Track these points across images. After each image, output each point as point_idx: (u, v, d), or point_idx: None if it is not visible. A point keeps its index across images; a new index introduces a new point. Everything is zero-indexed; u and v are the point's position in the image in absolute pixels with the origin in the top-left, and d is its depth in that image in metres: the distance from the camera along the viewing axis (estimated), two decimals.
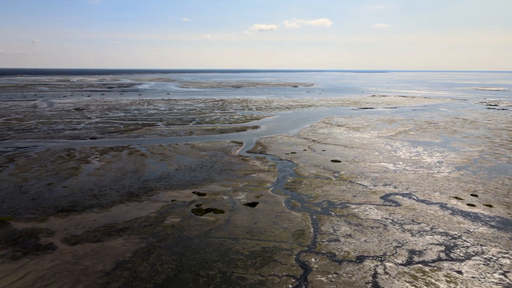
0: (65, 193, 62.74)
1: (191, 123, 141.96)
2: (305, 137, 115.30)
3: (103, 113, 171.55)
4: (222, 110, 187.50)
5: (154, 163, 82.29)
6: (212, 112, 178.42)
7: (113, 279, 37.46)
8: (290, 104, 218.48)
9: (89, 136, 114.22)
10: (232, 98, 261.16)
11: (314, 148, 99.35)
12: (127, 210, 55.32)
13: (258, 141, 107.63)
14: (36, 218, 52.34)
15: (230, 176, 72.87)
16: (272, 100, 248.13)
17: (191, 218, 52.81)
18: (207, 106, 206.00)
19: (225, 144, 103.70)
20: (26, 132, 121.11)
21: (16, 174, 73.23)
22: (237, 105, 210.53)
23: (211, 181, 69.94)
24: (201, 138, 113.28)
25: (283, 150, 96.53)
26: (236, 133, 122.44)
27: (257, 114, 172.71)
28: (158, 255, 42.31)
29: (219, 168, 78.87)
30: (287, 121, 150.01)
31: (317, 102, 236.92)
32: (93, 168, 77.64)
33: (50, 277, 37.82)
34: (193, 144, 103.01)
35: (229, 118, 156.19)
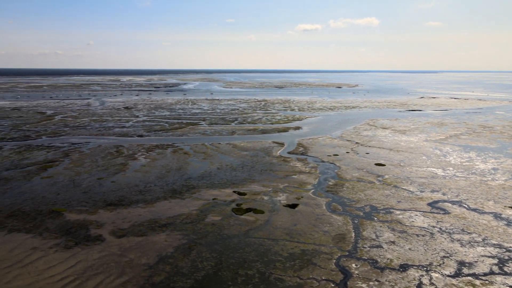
0: (113, 187, 65.90)
1: (234, 123, 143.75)
2: (348, 139, 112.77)
3: (150, 112, 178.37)
4: (264, 110, 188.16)
5: (197, 162, 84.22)
6: (254, 112, 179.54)
7: (156, 273, 38.76)
8: (333, 105, 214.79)
9: (136, 134, 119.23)
10: (275, 98, 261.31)
11: (357, 150, 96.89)
12: (170, 207, 57.05)
13: (299, 142, 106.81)
14: (87, 210, 55.43)
15: (271, 177, 72.89)
16: (315, 101, 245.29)
17: (231, 217, 53.42)
18: (249, 106, 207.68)
19: (266, 144, 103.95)
20: (80, 129, 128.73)
21: (71, 168, 78.02)
22: (279, 106, 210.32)
23: (252, 181, 70.35)
24: (243, 138, 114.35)
25: (325, 152, 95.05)
26: (277, 133, 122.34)
27: (299, 115, 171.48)
28: (198, 252, 43.21)
29: (260, 168, 79.16)
30: (329, 123, 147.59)
31: (361, 103, 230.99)
32: (139, 165, 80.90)
33: (98, 267, 39.87)
34: (235, 143, 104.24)
35: (271, 119, 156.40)
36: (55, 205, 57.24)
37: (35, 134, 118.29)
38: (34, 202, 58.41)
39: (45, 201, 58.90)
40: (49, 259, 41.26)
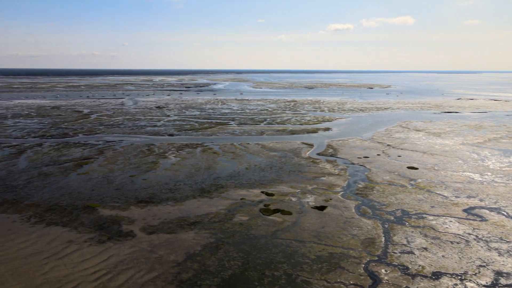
0: (144, 185, 67.64)
1: (263, 123, 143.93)
2: (379, 141, 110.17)
3: (180, 111, 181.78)
4: (294, 111, 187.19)
5: (226, 161, 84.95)
6: (284, 112, 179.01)
7: (184, 270, 39.41)
8: (364, 106, 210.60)
9: (167, 133, 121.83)
10: (304, 99, 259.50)
11: (389, 153, 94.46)
12: (198, 205, 57.86)
13: (329, 144, 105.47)
14: (120, 206, 57.19)
15: (299, 178, 72.40)
16: (346, 101, 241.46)
17: (259, 217, 53.48)
18: (278, 106, 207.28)
19: (295, 145, 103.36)
20: (114, 127, 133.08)
21: (105, 165, 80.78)
22: (308, 106, 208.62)
23: (280, 181, 70.14)
24: (272, 138, 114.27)
25: (355, 154, 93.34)
26: (306, 134, 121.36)
27: (329, 116, 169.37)
28: (225, 251, 43.55)
29: (288, 169, 78.79)
30: (360, 124, 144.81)
31: (394, 104, 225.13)
32: (170, 164, 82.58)
33: (129, 262, 41.03)
34: (263, 144, 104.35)
35: (300, 119, 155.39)
36: (89, 201, 59.47)
37: (73, 132, 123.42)
38: (71, 197, 60.93)
39: (81, 197, 61.30)
40: (84, 253, 42.89)
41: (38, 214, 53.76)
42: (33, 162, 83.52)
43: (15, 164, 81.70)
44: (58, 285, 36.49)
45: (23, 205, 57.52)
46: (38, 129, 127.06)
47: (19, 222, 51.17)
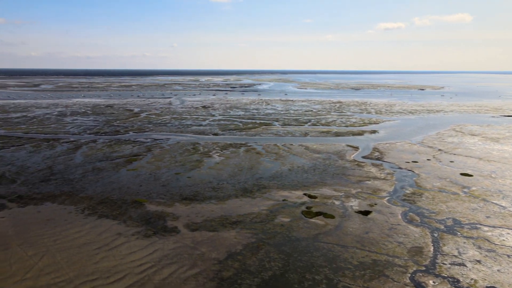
0: (189, 183, 69.47)
1: (307, 124, 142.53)
2: (430, 145, 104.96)
3: (225, 111, 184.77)
4: (339, 112, 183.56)
5: (268, 162, 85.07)
6: (329, 114, 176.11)
7: (225, 268, 39.93)
8: (414, 109, 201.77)
9: (212, 132, 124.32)
10: (350, 100, 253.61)
11: (440, 158, 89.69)
12: (240, 205, 58.41)
13: (375, 147, 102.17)
14: (165, 203, 59.18)
15: (343, 181, 70.80)
16: (394, 103, 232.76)
17: (301, 219, 52.95)
18: (323, 107, 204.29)
19: (339, 147, 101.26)
20: (162, 126, 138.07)
21: (152, 163, 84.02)
22: (355, 108, 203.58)
23: (323, 184, 69.02)
24: (316, 140, 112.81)
25: (403, 158, 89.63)
26: (352, 136, 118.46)
27: (376, 118, 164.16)
28: (266, 251, 43.56)
29: (332, 171, 77.33)
30: (409, 127, 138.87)
31: (447, 107, 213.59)
32: (214, 162, 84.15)
33: (173, 257, 42.30)
34: (307, 145, 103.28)
35: (345, 121, 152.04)
36: (137, 196, 62.12)
37: (124, 129, 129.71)
38: (121, 192, 64.02)
39: (130, 192, 64.20)
40: (131, 245, 44.86)
41: (91, 207, 57.04)
42: (88, 157, 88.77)
43: (72, 158, 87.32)
44: (108, 275, 38.43)
45: (78, 197, 61.31)
46: (93, 126, 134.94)
47: (74, 213, 54.59)
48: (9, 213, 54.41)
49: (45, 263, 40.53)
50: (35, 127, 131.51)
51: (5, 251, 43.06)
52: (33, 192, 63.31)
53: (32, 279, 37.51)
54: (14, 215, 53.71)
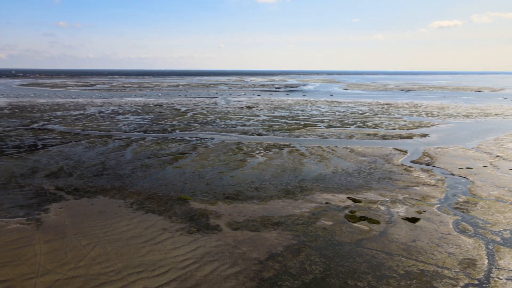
0: (232, 182, 70.36)
1: (352, 126, 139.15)
2: (487, 151, 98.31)
3: (269, 111, 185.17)
4: (387, 114, 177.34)
5: (312, 163, 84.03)
6: (376, 116, 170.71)
7: (265, 268, 39.95)
8: (470, 112, 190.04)
9: (256, 132, 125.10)
10: (399, 102, 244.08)
11: (498, 165, 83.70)
12: (282, 206, 58.19)
13: (425, 151, 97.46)
14: (208, 201, 60.39)
15: (390, 186, 68.25)
16: (447, 106, 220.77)
17: (344, 223, 51.75)
18: (370, 109, 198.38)
19: (386, 151, 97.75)
20: (207, 125, 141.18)
21: (197, 161, 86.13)
22: (404, 110, 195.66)
23: (368, 188, 66.97)
24: (361, 142, 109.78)
25: (455, 163, 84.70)
26: (400, 140, 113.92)
27: (427, 121, 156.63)
28: (307, 254, 43.02)
29: (378, 176, 74.83)
30: (464, 131, 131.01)
31: (507, 110, 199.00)
32: (257, 163, 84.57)
33: (215, 254, 43.04)
34: (352, 148, 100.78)
35: (393, 124, 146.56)
36: (182, 193, 63.95)
37: (171, 128, 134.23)
38: (166, 188, 66.25)
39: (175, 189, 66.25)
40: (175, 241, 46.25)
41: (139, 202, 59.57)
42: (137, 154, 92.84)
43: (122, 155, 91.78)
44: (153, 268, 39.91)
45: (127, 192, 64.28)
46: (143, 125, 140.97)
47: (123, 207, 57.31)
48: (66, 204, 58.24)
49: (97, 253, 42.89)
50: (91, 124, 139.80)
51: (61, 239, 46.12)
52: (88, 186, 67.29)
53: (84, 267, 39.85)
54: (71, 206, 57.41)
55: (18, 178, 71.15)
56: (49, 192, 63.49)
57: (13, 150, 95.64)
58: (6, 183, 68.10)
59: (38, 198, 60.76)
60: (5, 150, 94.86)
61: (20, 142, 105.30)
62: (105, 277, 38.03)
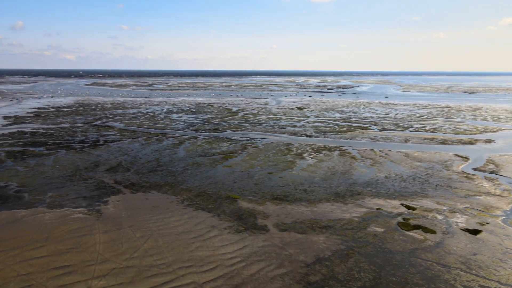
0: (280, 183, 70.21)
1: (408, 130, 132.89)
2: None
3: (320, 113, 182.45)
4: (447, 118, 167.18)
5: (363, 167, 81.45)
6: (434, 119, 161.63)
7: (312, 272, 39.34)
8: None
9: (306, 134, 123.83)
10: (461, 105, 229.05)
11: None
12: (331, 210, 56.99)
13: (490, 158, 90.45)
14: (257, 201, 60.77)
15: (448, 194, 64.20)
16: None
17: (396, 231, 49.51)
18: (429, 112, 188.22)
19: (446, 156, 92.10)
20: (257, 125, 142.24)
21: (246, 161, 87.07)
22: (466, 113, 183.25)
23: (424, 195, 63.52)
24: (418, 147, 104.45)
25: None
26: (461, 145, 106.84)
27: (493, 125, 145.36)
28: (356, 260, 41.72)
29: (435, 182, 70.71)
30: None
31: None
32: (306, 164, 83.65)
33: (261, 254, 43.18)
34: (407, 152, 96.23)
35: (454, 128, 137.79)
36: (231, 192, 64.98)
37: (222, 127, 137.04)
38: (216, 187, 67.70)
39: (224, 187, 67.49)
40: (223, 238, 47.09)
41: (189, 198, 61.47)
42: (189, 152, 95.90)
43: (175, 152, 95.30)
44: (201, 263, 40.94)
45: (179, 188, 66.61)
46: (195, 123, 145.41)
47: (175, 203, 59.46)
48: (123, 197, 61.63)
49: (149, 245, 44.89)
50: (147, 122, 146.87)
51: (118, 230, 48.87)
52: (143, 181, 70.69)
53: (138, 258, 41.88)
54: (127, 199, 60.66)
55: (82, 171, 76.55)
56: (109, 185, 67.59)
57: (78, 145, 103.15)
58: (72, 175, 73.57)
59: (99, 190, 64.93)
60: (71, 145, 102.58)
61: (84, 138, 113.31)
62: (157, 269, 39.66)
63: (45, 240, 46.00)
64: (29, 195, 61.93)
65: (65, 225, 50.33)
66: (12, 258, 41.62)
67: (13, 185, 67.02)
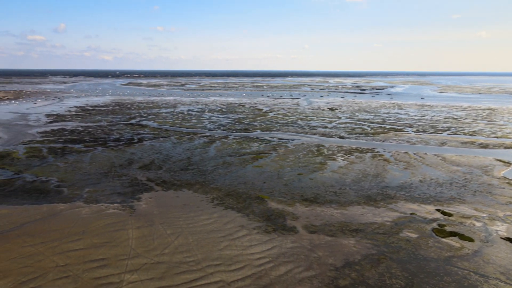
0: (310, 184, 69.50)
1: (445, 133, 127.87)
2: None
3: (353, 114, 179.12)
4: (488, 120, 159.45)
5: (397, 170, 79.16)
6: (474, 122, 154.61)
7: (341, 276, 38.64)
8: None
9: (337, 135, 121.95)
10: (505, 107, 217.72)
11: None
12: (362, 213, 55.76)
13: None
14: (286, 202, 60.47)
15: (488, 201, 61.17)
16: None
17: (431, 237, 47.73)
18: (468, 114, 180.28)
19: (486, 161, 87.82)
20: (288, 126, 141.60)
21: (276, 161, 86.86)
22: (510, 116, 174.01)
23: (461, 201, 60.86)
24: (455, 150, 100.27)
25: None
26: (503, 150, 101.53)
27: None
28: (387, 266, 40.58)
29: (474, 188, 67.58)
30: None
31: None
32: (337, 166, 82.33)
33: (290, 256, 42.91)
34: (444, 156, 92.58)
35: (496, 131, 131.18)
36: (261, 192, 65.02)
37: (252, 127, 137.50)
38: (246, 187, 67.97)
39: (254, 187, 67.63)
40: (252, 238, 47.19)
41: (219, 197, 62.09)
42: (220, 151, 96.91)
43: (206, 152, 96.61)
44: (229, 262, 41.23)
45: (209, 187, 67.44)
46: (226, 123, 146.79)
47: (205, 201, 60.25)
48: (155, 195, 63.18)
49: (180, 242, 45.72)
50: (179, 122, 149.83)
51: (150, 227, 50.14)
52: (174, 179, 72.14)
53: (168, 254, 42.76)
54: (159, 197, 62.14)
55: (117, 168, 79.17)
56: (142, 183, 69.50)
57: (114, 142, 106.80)
58: (108, 172, 76.26)
59: (132, 187, 66.91)
60: (108, 143, 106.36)
61: (120, 136, 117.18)
62: (186, 266, 40.33)
63: (82, 233, 47.93)
64: (68, 190, 64.80)
65: (101, 220, 52.22)
66: (51, 249, 43.67)
67: (54, 180, 70.34)
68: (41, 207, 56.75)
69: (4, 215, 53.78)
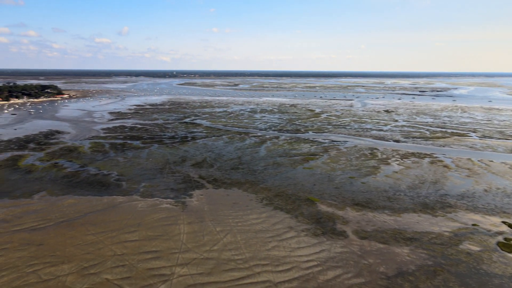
0: (362, 188, 67.30)
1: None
2: None
3: (410, 117, 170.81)
4: None
5: (458, 178, 74.14)
6: None
7: (393, 286, 36.97)
8: None
9: (393, 139, 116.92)
10: None
11: None
12: (418, 221, 52.93)
13: None
14: (336, 205, 59.10)
15: None
16: None
17: (495, 251, 44.10)
18: None
19: None
20: (341, 128, 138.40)
21: (327, 164, 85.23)
22: None
23: None
24: None
25: None
26: None
27: None
28: (445, 279, 38.10)
29: None
30: None
31: None
32: (391, 171, 78.93)
33: (338, 261, 41.86)
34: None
35: None
36: (310, 194, 64.15)
37: (304, 128, 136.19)
38: (295, 188, 67.46)
39: (303, 189, 66.91)
40: (300, 240, 46.71)
41: (268, 197, 62.22)
42: (270, 152, 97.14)
43: (257, 151, 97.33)
44: (277, 263, 41.14)
45: (259, 187, 67.85)
46: (277, 124, 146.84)
47: (254, 201, 60.71)
48: (206, 192, 64.84)
49: (228, 240, 46.49)
50: (231, 121, 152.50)
51: (200, 223, 51.54)
52: (225, 177, 73.53)
53: (217, 251, 43.65)
54: (210, 194, 63.69)
55: (171, 165, 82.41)
56: (194, 180, 71.69)
57: (169, 140, 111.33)
58: (162, 168, 79.65)
59: (185, 184, 69.25)
60: (163, 140, 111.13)
61: (174, 134, 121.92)
62: (234, 264, 40.89)
63: (138, 225, 50.50)
64: (126, 184, 68.64)
65: (155, 214, 54.64)
66: (110, 239, 46.50)
67: (114, 174, 74.88)
68: (103, 199, 60.66)
69: (71, 204, 58.24)
